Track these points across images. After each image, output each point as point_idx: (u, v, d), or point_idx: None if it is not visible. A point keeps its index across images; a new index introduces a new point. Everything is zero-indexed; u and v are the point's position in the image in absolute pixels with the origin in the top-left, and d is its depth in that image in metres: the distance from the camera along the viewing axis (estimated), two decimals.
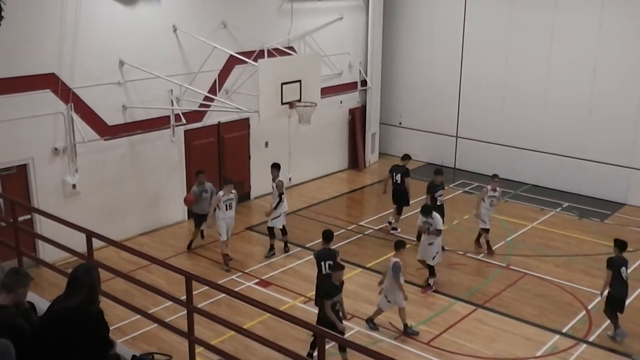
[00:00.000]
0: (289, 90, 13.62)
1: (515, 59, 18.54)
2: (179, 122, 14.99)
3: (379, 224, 15.79)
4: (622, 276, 10.69)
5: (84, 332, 4.67)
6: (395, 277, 10.79)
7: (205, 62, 15.03)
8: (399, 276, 10.79)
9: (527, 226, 15.75)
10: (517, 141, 18.89)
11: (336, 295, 9.63)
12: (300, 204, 17.10)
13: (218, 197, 13.29)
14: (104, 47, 13.54)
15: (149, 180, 14.99)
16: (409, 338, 10.91)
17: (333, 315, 9.47)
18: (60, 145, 13.21)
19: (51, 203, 12.74)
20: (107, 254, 11.89)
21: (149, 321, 9.45)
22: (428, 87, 20.42)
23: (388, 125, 21.49)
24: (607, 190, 17.39)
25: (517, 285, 12.83)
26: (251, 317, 11.05)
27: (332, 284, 9.61)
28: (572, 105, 17.71)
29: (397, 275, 10.76)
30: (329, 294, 9.53)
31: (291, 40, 17.33)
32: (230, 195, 13.28)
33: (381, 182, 16.45)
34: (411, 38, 20.56)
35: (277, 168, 14.15)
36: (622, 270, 10.69)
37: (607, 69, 17.02)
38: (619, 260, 10.80)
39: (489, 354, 10.55)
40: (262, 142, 17.47)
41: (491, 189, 14.08)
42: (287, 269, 13.41)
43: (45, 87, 12.77)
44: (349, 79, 19.81)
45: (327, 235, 11.05)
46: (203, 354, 7.89)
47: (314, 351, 9.81)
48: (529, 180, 18.73)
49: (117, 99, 14.01)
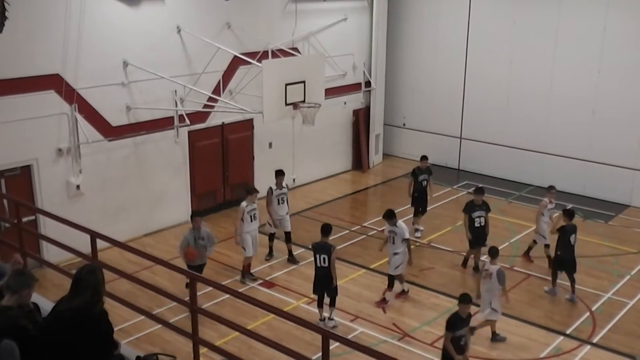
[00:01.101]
0: (293, 91, 13.63)
1: (520, 61, 18.51)
2: (183, 123, 15.01)
3: (383, 225, 15.74)
4: (571, 242, 12.16)
5: (89, 333, 4.67)
6: (501, 285, 10.64)
7: (209, 63, 15.04)
8: (504, 283, 10.67)
9: (531, 227, 15.68)
10: (521, 142, 18.86)
11: (461, 329, 9.13)
12: (304, 205, 17.09)
13: (242, 208, 12.59)
14: (108, 48, 13.56)
15: (153, 181, 15.00)
16: (414, 339, 10.89)
17: (452, 348, 9.01)
18: (64, 146, 13.22)
19: (55, 204, 12.76)
20: (111, 255, 11.91)
21: (153, 322, 9.47)
22: (432, 88, 20.40)
23: (392, 126, 21.47)
24: (611, 191, 17.35)
25: (521, 287, 12.80)
26: (255, 318, 11.05)
27: (457, 316, 9.19)
28: (577, 106, 17.68)
29: (502, 282, 10.63)
30: (452, 326, 9.06)
31: (295, 41, 17.34)
32: (254, 205, 12.69)
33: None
34: (415, 39, 20.55)
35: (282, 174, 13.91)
36: (572, 237, 12.13)
37: (611, 70, 16.99)
38: (570, 228, 12.22)
39: (492, 355, 10.53)
40: (266, 142, 17.47)
41: (549, 201, 13.44)
42: (290, 270, 13.41)
43: (49, 88, 12.79)
44: (353, 80, 19.80)
45: (325, 228, 11.28)
46: (207, 354, 7.90)
47: None
48: (533, 182, 18.68)
49: (121, 100, 14.03)
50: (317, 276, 11.21)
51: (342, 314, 11.61)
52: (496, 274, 10.62)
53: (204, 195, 16.20)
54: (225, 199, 16.64)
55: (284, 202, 13.67)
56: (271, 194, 13.57)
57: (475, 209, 13.09)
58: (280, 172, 13.81)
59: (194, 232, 11.51)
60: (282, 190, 13.65)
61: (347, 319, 11.52)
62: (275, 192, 13.57)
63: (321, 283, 11.22)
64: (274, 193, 13.57)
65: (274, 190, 13.59)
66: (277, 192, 13.57)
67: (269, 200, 13.57)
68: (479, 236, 13.05)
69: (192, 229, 11.57)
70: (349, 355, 9.92)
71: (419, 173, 15.15)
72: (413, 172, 15.27)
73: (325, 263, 11.04)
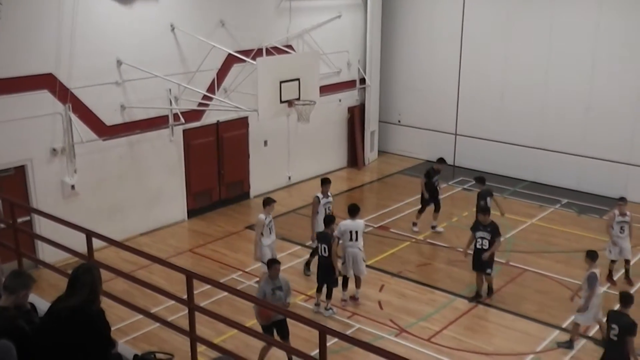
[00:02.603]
0: (287, 89, 13.61)
1: (514, 57, 18.54)
2: (178, 122, 14.98)
3: (378, 222, 15.79)
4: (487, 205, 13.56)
5: (86, 332, 4.66)
6: (588, 288, 10.27)
7: (203, 61, 15.01)
8: (590, 288, 10.24)
9: (527, 223, 15.75)
10: (516, 138, 18.89)
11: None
12: (300, 202, 17.08)
13: (261, 221, 11.62)
14: (101, 47, 13.51)
15: (149, 180, 14.97)
16: (411, 335, 10.91)
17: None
18: (59, 146, 13.18)
19: (50, 204, 12.72)
20: (107, 255, 11.89)
21: (150, 321, 9.47)
22: (427, 84, 20.41)
23: (387, 123, 21.48)
24: (605, 186, 17.39)
25: (517, 282, 12.84)
26: (252, 315, 11.03)
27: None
28: (571, 102, 17.72)
29: (592, 285, 10.22)
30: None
31: (290, 38, 17.32)
32: (271, 217, 11.82)
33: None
34: (410, 36, 20.55)
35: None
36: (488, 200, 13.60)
37: (606, 66, 17.03)
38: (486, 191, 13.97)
39: (489, 350, 10.56)
40: (261, 140, 17.46)
41: (619, 213, 12.41)
42: (287, 267, 13.38)
43: (43, 88, 12.75)
44: (348, 77, 19.80)
45: (327, 219, 11.69)
46: (205, 353, 7.89)
47: None
48: (528, 177, 18.73)
49: (115, 99, 13.99)
50: (319, 265, 11.63)
51: (340, 311, 11.64)
52: (586, 278, 10.32)
53: (200, 194, 16.19)
54: (221, 197, 16.63)
55: (329, 212, 12.61)
56: (318, 203, 12.63)
57: (479, 228, 11.91)
58: (327, 180, 13.06)
59: (271, 282, 9.63)
60: (329, 199, 12.78)
61: (345, 315, 11.54)
62: (322, 200, 12.69)
63: (322, 272, 11.50)
64: (322, 202, 12.67)
65: (321, 199, 12.68)
66: (324, 200, 12.71)
67: (315, 210, 12.63)
68: (476, 258, 11.96)
69: (268, 278, 9.71)
70: (346, 351, 9.95)
71: (433, 174, 14.94)
72: (427, 173, 14.99)
73: (326, 253, 11.33)
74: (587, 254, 10.53)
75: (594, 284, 10.21)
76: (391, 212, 16.46)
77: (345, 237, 11.56)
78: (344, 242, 11.59)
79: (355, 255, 11.64)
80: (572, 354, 10.44)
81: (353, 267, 11.72)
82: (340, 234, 11.52)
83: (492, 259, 11.86)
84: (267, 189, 17.28)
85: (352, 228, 11.60)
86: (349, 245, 11.60)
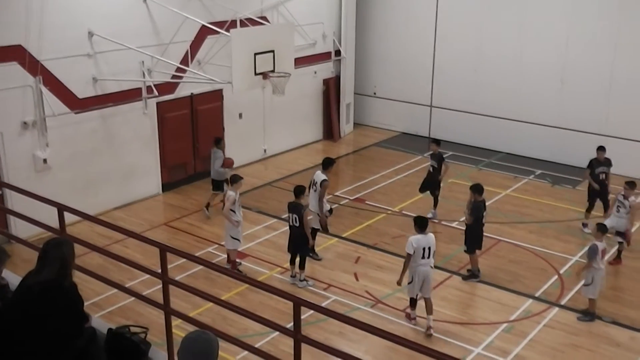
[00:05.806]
0: (262, 61, 13.48)
1: (489, 28, 18.55)
2: (151, 94, 14.79)
3: (354, 194, 15.84)
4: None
5: (58, 306, 4.61)
6: (589, 260, 10.46)
7: (176, 33, 14.80)
8: (590, 259, 10.41)
9: (501, 194, 15.91)
10: (491, 110, 18.98)
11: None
12: (276, 175, 17.06)
13: (231, 197, 11.42)
14: (72, 18, 13.24)
15: (122, 153, 14.81)
16: (387, 306, 11.01)
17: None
18: (30, 119, 12.96)
19: (22, 178, 12.54)
20: (81, 229, 11.80)
21: (125, 295, 9.45)
22: (402, 56, 20.35)
23: (363, 95, 21.43)
24: (579, 157, 17.50)
25: (491, 252, 12.99)
26: (228, 288, 11.08)
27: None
28: (545, 74, 17.82)
29: (591, 258, 10.38)
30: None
31: (264, 9, 17.11)
32: (238, 193, 11.70)
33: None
34: (385, 8, 20.42)
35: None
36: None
37: (580, 39, 17.12)
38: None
39: (464, 319, 10.71)
40: (236, 113, 17.33)
41: (623, 194, 12.34)
42: (263, 240, 13.41)
43: (12, 60, 12.49)
44: (323, 49, 19.67)
45: (297, 189, 11.57)
46: (180, 326, 7.89)
47: None
48: (503, 149, 18.87)
49: (87, 71, 13.76)
50: (290, 235, 11.63)
51: (315, 282, 11.70)
52: (587, 249, 10.50)
53: (175, 167, 16.07)
54: (196, 170, 16.52)
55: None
56: (328, 186, 12.35)
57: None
58: (332, 160, 12.82)
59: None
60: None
61: (320, 287, 11.61)
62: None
63: (293, 243, 11.56)
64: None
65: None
66: None
67: (323, 194, 12.20)
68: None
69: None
70: (322, 323, 10.02)
71: (430, 158, 14.58)
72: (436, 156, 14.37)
73: (297, 222, 11.35)
74: (596, 226, 10.76)
75: (593, 256, 10.37)
76: (367, 184, 16.52)
77: (418, 254, 10.16)
78: (415, 259, 10.19)
79: (427, 275, 10.26)
80: (544, 322, 10.63)
81: (422, 288, 10.39)
82: (413, 251, 10.17)
83: (471, 236, 11.83)
84: (242, 162, 17.18)
85: (426, 245, 10.18)
86: (421, 263, 10.18)
